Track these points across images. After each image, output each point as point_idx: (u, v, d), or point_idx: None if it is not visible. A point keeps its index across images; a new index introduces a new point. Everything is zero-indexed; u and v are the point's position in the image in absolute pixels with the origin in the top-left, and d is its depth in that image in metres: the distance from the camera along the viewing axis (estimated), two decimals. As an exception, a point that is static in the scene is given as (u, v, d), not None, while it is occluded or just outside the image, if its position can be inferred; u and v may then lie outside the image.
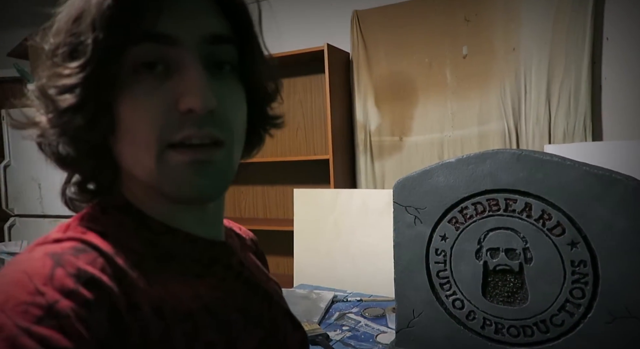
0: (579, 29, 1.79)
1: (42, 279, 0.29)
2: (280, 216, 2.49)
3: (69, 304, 0.28)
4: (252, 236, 0.58)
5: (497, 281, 0.76)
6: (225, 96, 0.37)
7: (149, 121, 0.34)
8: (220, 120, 0.36)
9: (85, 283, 0.30)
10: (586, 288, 0.69)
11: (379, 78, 2.20)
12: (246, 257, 0.48)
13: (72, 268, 0.30)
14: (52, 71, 0.34)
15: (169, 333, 0.33)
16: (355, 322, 1.15)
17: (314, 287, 1.53)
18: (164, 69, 0.35)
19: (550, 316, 0.72)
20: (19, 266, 0.30)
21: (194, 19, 0.35)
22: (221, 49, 0.37)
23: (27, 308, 0.27)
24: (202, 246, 0.41)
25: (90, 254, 0.32)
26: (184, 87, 0.34)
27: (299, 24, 2.35)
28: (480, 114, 1.99)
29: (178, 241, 0.39)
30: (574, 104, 1.81)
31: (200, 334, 0.35)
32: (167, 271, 0.37)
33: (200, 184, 0.35)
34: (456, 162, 0.78)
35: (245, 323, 0.40)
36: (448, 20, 2.03)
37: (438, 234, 0.80)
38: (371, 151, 2.23)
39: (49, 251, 0.32)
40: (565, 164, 0.69)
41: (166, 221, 0.39)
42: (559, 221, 0.70)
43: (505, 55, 1.93)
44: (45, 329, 0.27)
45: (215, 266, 0.41)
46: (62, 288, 0.29)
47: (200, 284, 0.38)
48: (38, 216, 2.40)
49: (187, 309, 0.36)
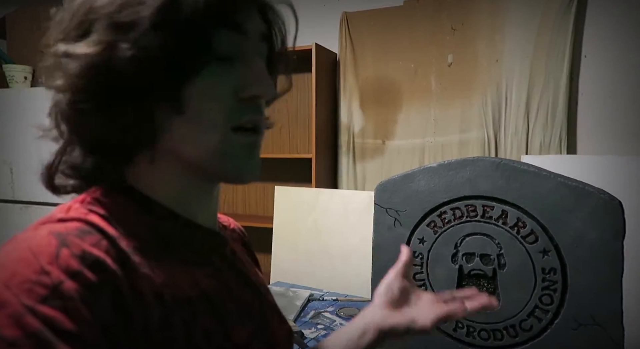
0: (560, 46, 1.85)
1: (47, 258, 0.29)
2: (259, 212, 2.48)
3: (73, 286, 0.28)
4: (240, 228, 0.59)
5: (471, 285, 0.78)
6: None
7: (217, 105, 0.37)
8: (263, 109, 0.41)
9: (90, 265, 0.30)
10: (555, 295, 0.72)
11: (365, 81, 2.22)
12: (237, 249, 0.48)
13: (77, 249, 0.30)
14: (133, 43, 0.33)
15: (169, 319, 0.33)
16: (330, 321, 1.16)
17: (291, 285, 1.54)
18: (229, 57, 0.38)
19: (519, 321, 0.74)
20: (23, 244, 0.30)
21: (256, 18, 0.40)
22: (263, 46, 0.41)
23: (32, 286, 0.27)
24: (201, 234, 0.41)
25: (95, 236, 0.32)
26: (251, 76, 0.38)
27: (288, 23, 2.34)
28: (462, 122, 2.03)
29: (179, 227, 0.39)
30: (552, 117, 1.87)
31: (199, 322, 0.36)
32: (167, 257, 0.37)
33: (252, 166, 0.39)
34: (437, 167, 0.79)
35: (239, 313, 0.41)
36: (435, 28, 2.07)
37: (417, 237, 0.81)
38: (354, 153, 2.25)
39: (54, 231, 0.31)
40: (542, 175, 0.72)
41: (169, 205, 0.39)
42: (533, 229, 0.72)
43: (488, 66, 1.97)
44: (50, 309, 0.27)
45: (212, 255, 0.42)
46: (67, 269, 0.29)
47: (198, 272, 0.39)
48: (9, 201, 2.31)
49: (186, 296, 0.36)
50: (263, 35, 0.41)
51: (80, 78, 0.34)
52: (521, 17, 1.91)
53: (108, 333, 0.29)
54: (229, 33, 0.37)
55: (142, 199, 0.39)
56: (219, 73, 0.37)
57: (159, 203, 0.39)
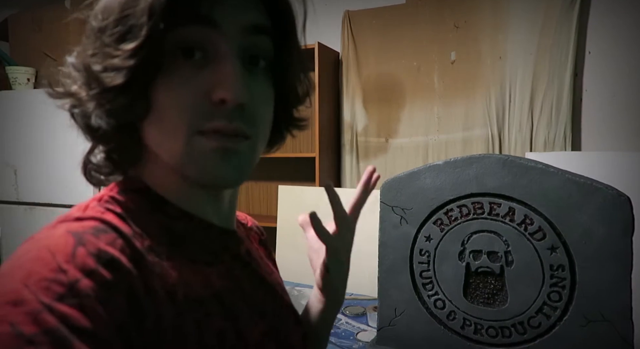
0: (563, 43, 1.84)
1: (64, 256, 0.29)
2: (263, 212, 2.48)
3: (89, 284, 0.28)
4: (257, 224, 0.59)
5: (478, 282, 0.78)
6: (256, 92, 0.37)
7: (181, 107, 0.35)
8: (249, 115, 0.36)
9: (105, 264, 0.30)
10: (563, 291, 0.71)
11: (367, 79, 2.22)
12: (252, 248, 0.48)
13: (93, 248, 0.30)
14: (100, 50, 0.34)
15: (181, 319, 0.33)
16: (336, 320, 1.16)
17: (296, 284, 1.54)
18: (201, 58, 0.35)
19: (527, 318, 0.74)
20: (41, 242, 0.31)
21: (238, 9, 0.36)
22: (259, 40, 0.38)
23: (49, 284, 0.27)
24: (214, 234, 0.41)
25: (110, 234, 0.33)
26: (218, 78, 0.34)
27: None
28: (466, 120, 2.03)
29: (192, 227, 0.39)
30: (556, 114, 1.86)
31: (211, 322, 0.36)
32: (179, 257, 0.37)
33: (223, 171, 0.36)
34: (443, 165, 0.79)
35: (252, 313, 0.41)
36: (437, 25, 2.06)
37: (423, 235, 0.81)
38: (357, 151, 2.24)
39: (71, 229, 0.32)
40: (549, 171, 0.72)
41: (183, 206, 0.39)
42: (540, 226, 0.72)
43: (491, 63, 1.97)
44: (66, 307, 0.27)
45: (225, 255, 0.42)
46: (83, 267, 0.29)
47: (210, 272, 0.39)
48: (13, 203, 2.32)
49: (199, 296, 0.36)
50: (255, 27, 0.37)
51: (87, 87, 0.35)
52: (524, 14, 1.90)
53: (122, 331, 0.29)
54: (198, 28, 0.34)
55: (156, 198, 0.39)
56: (186, 73, 0.35)
57: (172, 203, 0.39)
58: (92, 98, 0.35)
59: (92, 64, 0.34)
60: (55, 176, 2.17)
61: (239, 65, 0.35)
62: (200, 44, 0.35)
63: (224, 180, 0.36)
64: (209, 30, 0.34)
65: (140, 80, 0.34)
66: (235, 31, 0.36)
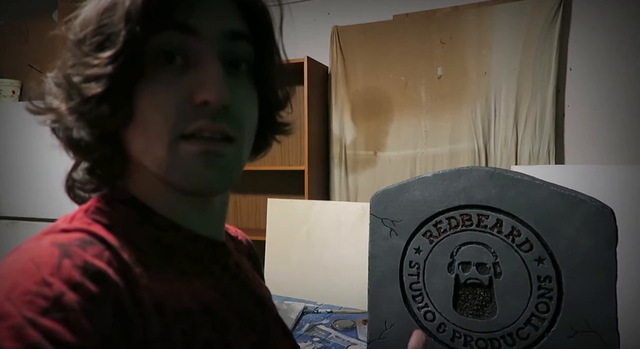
0: (545, 59, 1.90)
1: (49, 269, 0.28)
2: (252, 225, 2.47)
3: (75, 298, 0.28)
4: (247, 239, 0.58)
5: (467, 294, 0.79)
6: (240, 94, 0.37)
7: (163, 111, 0.34)
8: (233, 117, 0.36)
9: (92, 276, 0.30)
10: (550, 302, 0.72)
11: (356, 93, 2.25)
12: (241, 261, 0.47)
13: (79, 260, 0.30)
14: (79, 60, 0.34)
15: (169, 331, 0.33)
16: (326, 334, 1.15)
17: (285, 298, 1.52)
18: (182, 62, 0.35)
19: (516, 329, 0.74)
20: (26, 254, 0.30)
21: (216, 16, 0.36)
22: (239, 45, 0.38)
23: (33, 298, 0.27)
24: (203, 245, 0.41)
25: (97, 246, 0.32)
26: (200, 80, 0.34)
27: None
28: (452, 133, 2.06)
29: (181, 238, 0.39)
30: (539, 128, 1.91)
31: (199, 333, 0.35)
32: (168, 269, 0.36)
33: (208, 176, 0.36)
34: (432, 177, 0.80)
35: (241, 325, 0.40)
36: (424, 41, 2.11)
37: (413, 247, 0.82)
38: (346, 164, 2.26)
39: (56, 241, 0.31)
40: (535, 184, 0.73)
41: (171, 217, 0.39)
42: (528, 237, 0.73)
43: (477, 78, 2.02)
44: (51, 322, 0.26)
45: (213, 266, 0.41)
46: (68, 280, 0.28)
47: (198, 283, 0.38)
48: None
49: (187, 308, 0.35)
50: (233, 33, 0.37)
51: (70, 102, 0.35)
52: (507, 31, 1.96)
53: (108, 345, 0.29)
54: (175, 34, 0.34)
55: (144, 209, 0.38)
56: (167, 78, 0.35)
57: (159, 214, 0.39)
58: (73, 110, 0.34)
59: (72, 75, 0.34)
60: (39, 189, 2.13)
61: (220, 67, 0.35)
62: (181, 49, 0.35)
63: (209, 185, 0.36)
64: (187, 36, 0.35)
65: (121, 87, 0.34)
66: (214, 37, 0.36)
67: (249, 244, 0.58)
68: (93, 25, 0.34)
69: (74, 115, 0.35)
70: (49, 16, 2.40)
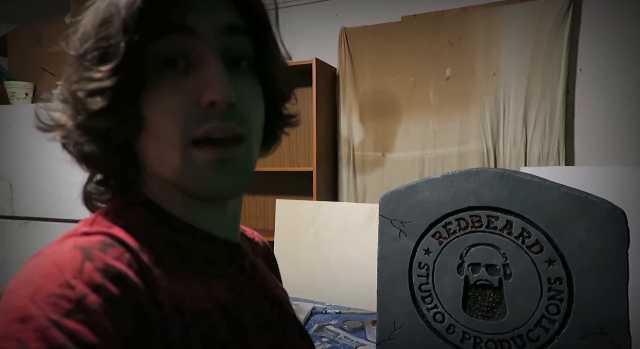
0: (555, 59, 1.89)
1: (72, 272, 0.29)
2: (260, 226, 2.48)
3: (96, 299, 0.28)
4: (264, 242, 0.59)
5: (477, 295, 0.79)
6: (244, 91, 0.37)
7: (172, 117, 0.35)
8: (240, 114, 0.37)
9: (113, 278, 0.30)
10: (561, 304, 0.72)
11: (364, 94, 2.25)
12: (257, 262, 0.48)
13: (100, 263, 0.30)
14: (82, 75, 0.35)
15: (188, 332, 0.33)
16: (335, 334, 1.15)
17: (293, 298, 1.53)
18: (185, 66, 0.36)
19: (526, 331, 0.74)
20: (49, 258, 0.31)
21: (212, 12, 0.37)
22: (237, 40, 0.38)
23: (57, 300, 0.27)
24: (219, 247, 0.41)
25: (118, 249, 0.33)
26: (204, 81, 0.35)
27: (289, 38, 2.38)
28: (461, 134, 2.05)
29: (197, 239, 0.39)
30: (549, 129, 1.90)
31: (216, 334, 0.36)
32: (185, 270, 0.37)
33: (222, 182, 0.36)
34: (442, 179, 0.80)
35: (258, 325, 0.41)
36: (433, 42, 2.11)
37: (422, 248, 0.82)
38: (354, 165, 2.26)
39: (78, 244, 0.32)
40: (545, 185, 0.73)
41: (186, 219, 0.39)
42: (538, 239, 0.73)
43: (486, 79, 2.01)
44: (74, 323, 0.27)
45: (230, 268, 0.42)
46: (90, 282, 0.29)
47: (215, 284, 0.39)
48: (8, 218, 2.30)
49: (204, 309, 0.36)
50: (231, 28, 0.37)
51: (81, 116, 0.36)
52: (516, 32, 1.95)
53: (130, 346, 0.29)
54: (175, 38, 0.35)
55: (160, 212, 0.39)
56: (172, 83, 0.35)
57: (176, 216, 0.39)
58: (81, 125, 0.35)
59: (76, 91, 0.35)
60: (51, 190, 2.16)
61: (222, 66, 0.35)
62: (181, 52, 0.35)
63: (223, 191, 0.37)
64: (186, 38, 0.35)
65: (126, 99, 0.34)
66: (212, 34, 0.36)
67: (266, 246, 0.58)
68: (92, 38, 0.34)
69: (81, 130, 0.35)
70: (62, 19, 2.43)
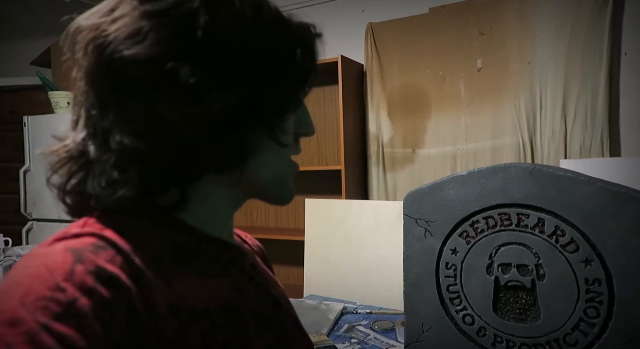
0: (596, 44, 1.77)
1: (62, 274, 0.29)
2: (291, 225, 2.49)
3: (87, 303, 0.28)
4: (258, 244, 0.59)
5: (508, 297, 0.75)
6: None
7: (289, 135, 0.42)
8: None
9: (104, 281, 0.30)
10: (601, 307, 0.67)
11: (392, 90, 2.21)
12: (257, 262, 0.48)
13: (92, 265, 0.30)
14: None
15: (185, 332, 0.33)
16: (364, 335, 1.14)
17: (324, 298, 1.53)
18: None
19: (563, 335, 0.70)
20: (39, 259, 0.30)
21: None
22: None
23: (47, 303, 0.27)
24: (219, 247, 0.42)
25: (109, 251, 0.32)
26: (306, 116, 0.44)
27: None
28: (494, 128, 1.98)
29: (196, 240, 0.40)
30: (591, 119, 1.79)
31: (217, 334, 0.36)
32: (185, 270, 0.37)
33: (294, 190, 0.46)
34: (467, 176, 0.77)
35: (258, 326, 0.41)
36: (462, 33, 2.04)
37: (448, 248, 0.79)
38: (383, 163, 2.23)
39: (69, 246, 0.32)
40: (580, 180, 0.68)
41: (186, 219, 0.39)
42: (573, 237, 0.69)
43: (520, 68, 1.92)
44: (64, 327, 0.27)
45: (230, 268, 0.42)
46: (81, 285, 0.29)
47: (217, 284, 0.39)
48: (55, 221, 2.44)
49: (205, 308, 0.36)
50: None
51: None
52: (553, 16, 1.85)
53: None
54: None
55: (159, 212, 0.39)
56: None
57: (175, 217, 0.39)
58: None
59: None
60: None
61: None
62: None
63: (292, 198, 0.46)
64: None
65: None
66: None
67: (259, 247, 0.59)
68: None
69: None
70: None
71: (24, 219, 2.50)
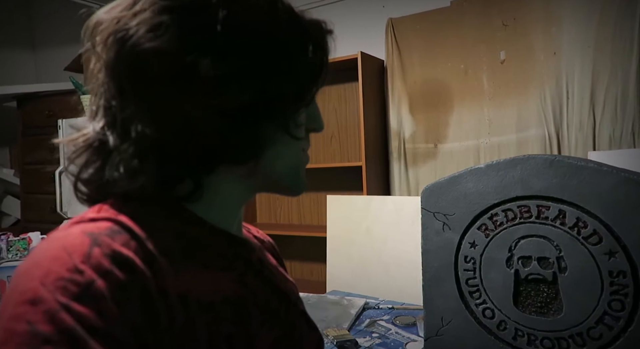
0: (626, 32, 1.70)
1: (80, 256, 0.30)
2: (314, 222, 2.51)
3: (104, 285, 0.29)
4: (270, 240, 0.59)
5: (529, 290, 0.74)
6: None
7: (302, 129, 0.44)
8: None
9: (120, 265, 0.31)
10: (626, 300, 0.65)
11: (413, 85, 2.19)
12: (265, 257, 0.49)
13: (108, 249, 0.31)
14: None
15: (192, 322, 0.34)
16: (386, 329, 1.14)
17: (346, 293, 1.53)
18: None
19: (587, 329, 0.69)
20: (57, 242, 0.32)
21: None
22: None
23: (66, 283, 0.28)
24: (227, 240, 0.42)
25: (124, 235, 0.33)
26: (317, 111, 0.45)
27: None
28: (519, 121, 1.93)
29: (205, 232, 0.40)
30: (621, 109, 1.72)
31: (221, 326, 0.36)
32: (192, 262, 0.37)
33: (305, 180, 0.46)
34: (485, 168, 0.76)
35: (263, 320, 0.41)
36: (484, 25, 2.00)
37: (467, 241, 0.79)
38: (405, 158, 2.21)
39: (86, 230, 0.32)
40: (602, 171, 0.67)
41: (197, 212, 0.40)
42: (595, 229, 0.67)
43: (545, 59, 1.87)
44: (83, 308, 0.28)
45: (237, 261, 0.42)
46: (98, 268, 0.30)
47: (222, 277, 0.39)
48: (87, 219, 2.54)
49: (210, 301, 0.36)
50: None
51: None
52: (580, 5, 1.79)
53: (137, 332, 0.30)
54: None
55: (170, 203, 0.39)
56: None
57: (186, 209, 0.40)
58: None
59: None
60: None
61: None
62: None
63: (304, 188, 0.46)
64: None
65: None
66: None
67: (271, 243, 0.59)
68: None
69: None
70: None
71: (60, 218, 2.62)
